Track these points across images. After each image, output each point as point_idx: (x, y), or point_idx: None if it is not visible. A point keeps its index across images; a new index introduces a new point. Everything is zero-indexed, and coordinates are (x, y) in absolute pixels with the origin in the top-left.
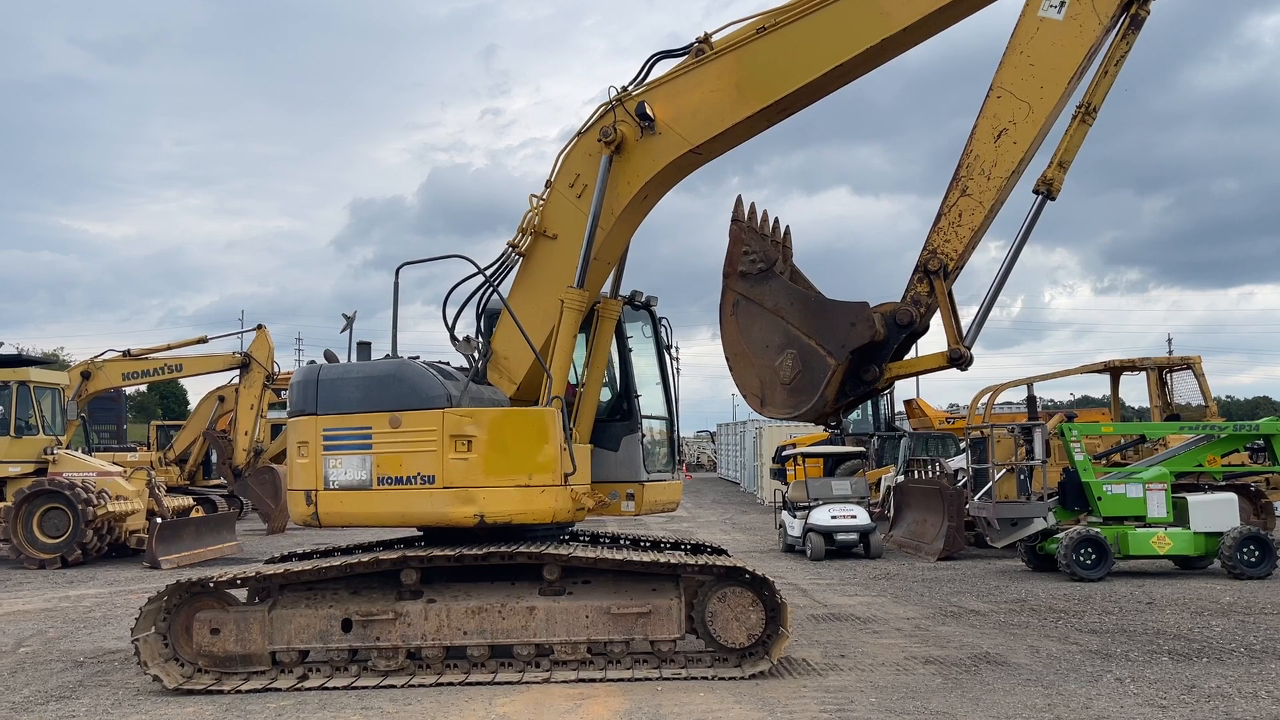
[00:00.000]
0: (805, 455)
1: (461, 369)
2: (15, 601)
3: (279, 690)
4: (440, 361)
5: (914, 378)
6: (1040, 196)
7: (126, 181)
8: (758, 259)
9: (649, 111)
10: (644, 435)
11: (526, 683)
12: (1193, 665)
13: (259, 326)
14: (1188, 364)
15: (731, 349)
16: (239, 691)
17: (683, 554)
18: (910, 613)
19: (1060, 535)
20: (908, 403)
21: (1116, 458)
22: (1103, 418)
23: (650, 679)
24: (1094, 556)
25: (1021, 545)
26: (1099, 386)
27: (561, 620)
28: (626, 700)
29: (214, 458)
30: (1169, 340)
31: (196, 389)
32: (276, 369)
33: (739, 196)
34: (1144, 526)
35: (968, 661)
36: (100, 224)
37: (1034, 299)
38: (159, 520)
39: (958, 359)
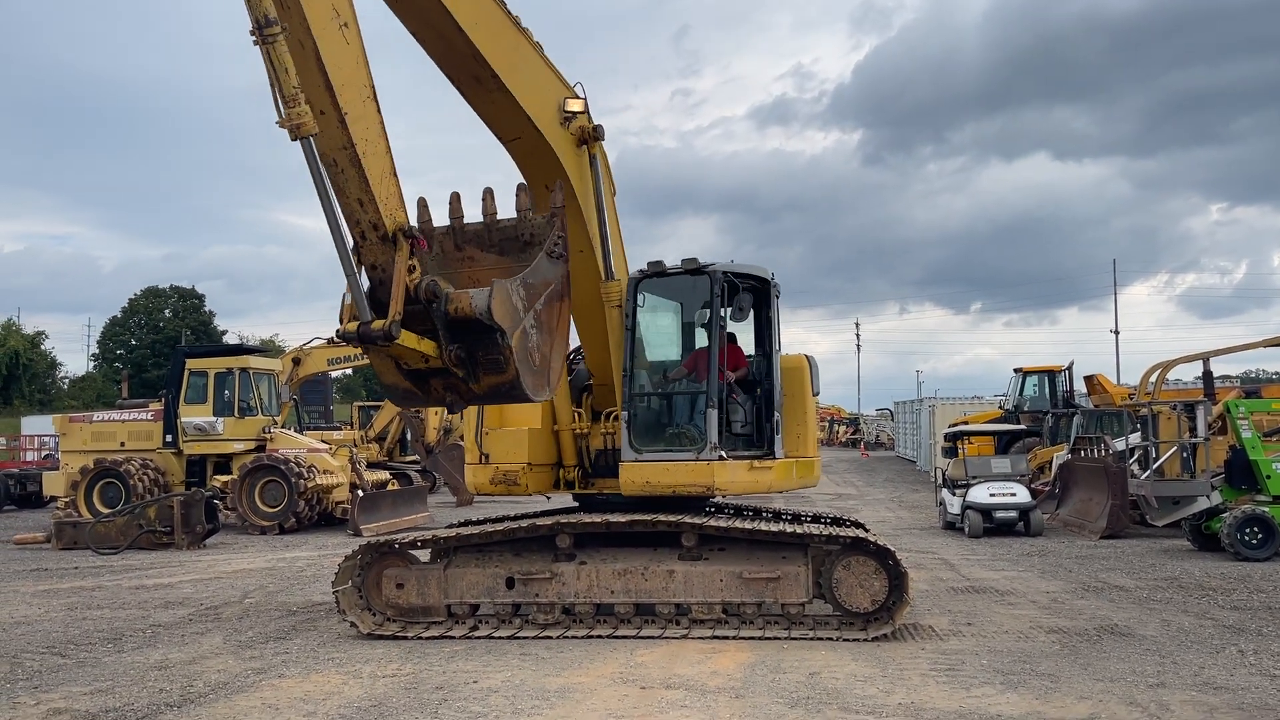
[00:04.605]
0: (974, 433)
1: None
2: (241, 561)
3: (453, 638)
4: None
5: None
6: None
7: None
8: None
9: None
10: (631, 414)
11: (667, 638)
12: None
13: None
14: None
15: None
16: (420, 638)
17: (820, 525)
18: (1052, 587)
19: (1225, 514)
20: (1088, 379)
21: None
22: None
23: (779, 638)
24: (1260, 536)
25: (1186, 524)
26: None
27: (698, 583)
28: (752, 655)
29: (409, 436)
30: None
31: None
32: None
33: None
34: None
35: (1092, 632)
36: (313, 218)
37: (1261, 263)
38: (360, 492)
39: (365, 337)
